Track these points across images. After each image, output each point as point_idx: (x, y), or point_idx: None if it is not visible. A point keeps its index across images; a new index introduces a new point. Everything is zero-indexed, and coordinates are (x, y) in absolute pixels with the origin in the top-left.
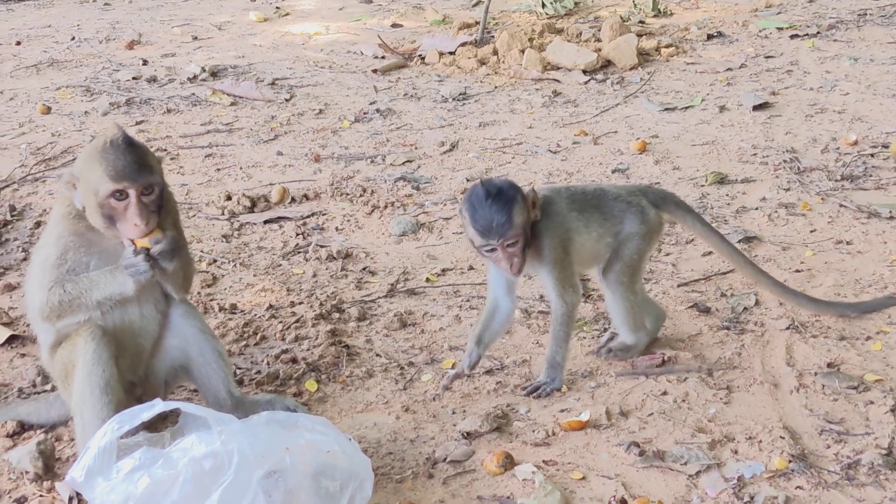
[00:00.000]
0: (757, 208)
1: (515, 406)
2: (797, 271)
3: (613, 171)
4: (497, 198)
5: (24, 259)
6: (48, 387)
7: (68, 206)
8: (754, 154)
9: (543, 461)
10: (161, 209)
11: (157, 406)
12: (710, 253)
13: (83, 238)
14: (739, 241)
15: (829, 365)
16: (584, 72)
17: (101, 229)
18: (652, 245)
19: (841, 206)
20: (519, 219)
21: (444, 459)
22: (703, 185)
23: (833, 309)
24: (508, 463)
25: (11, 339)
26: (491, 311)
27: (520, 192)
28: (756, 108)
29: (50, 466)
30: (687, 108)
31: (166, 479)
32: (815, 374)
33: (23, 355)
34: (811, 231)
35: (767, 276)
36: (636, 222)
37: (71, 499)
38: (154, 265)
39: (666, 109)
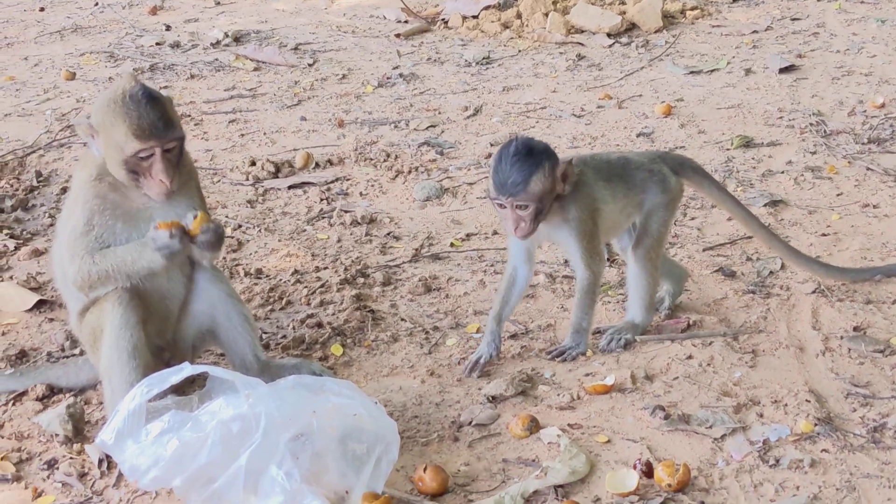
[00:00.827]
0: (783, 172)
1: (540, 370)
2: (823, 235)
3: (638, 135)
4: (524, 157)
5: (51, 225)
6: (77, 351)
7: (90, 169)
8: (780, 117)
9: (568, 425)
10: (179, 162)
11: (184, 370)
12: None
13: (107, 200)
14: (765, 205)
15: (855, 328)
16: (609, 35)
17: (123, 181)
18: (675, 213)
19: (868, 169)
20: (537, 185)
21: (470, 423)
22: (728, 149)
23: (845, 275)
24: (534, 426)
25: (40, 304)
26: (509, 282)
27: (549, 160)
28: (782, 70)
29: (79, 429)
30: (712, 71)
31: (195, 441)
32: (842, 337)
33: (51, 320)
34: (837, 194)
35: (781, 240)
36: (659, 192)
37: (101, 461)
38: (187, 246)
39: (691, 73)
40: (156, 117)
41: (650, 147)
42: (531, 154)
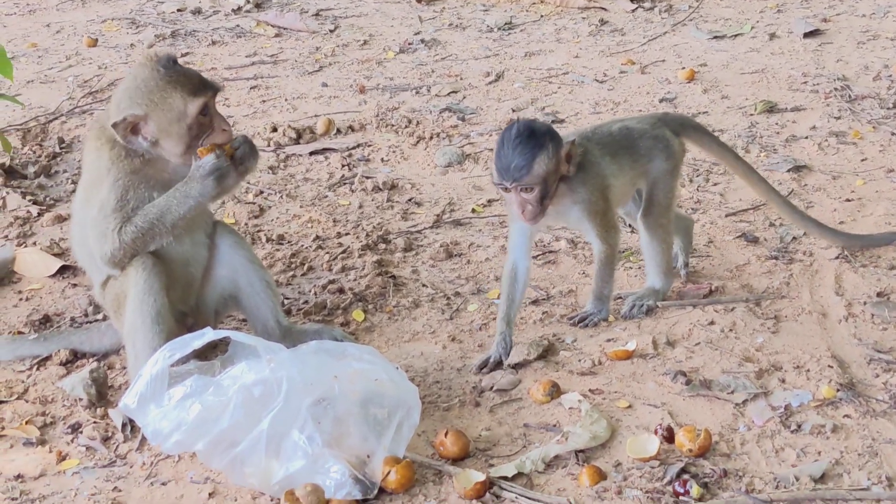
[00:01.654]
0: (807, 137)
1: (562, 336)
2: (847, 200)
3: (661, 101)
4: (525, 140)
5: (74, 191)
6: (100, 316)
7: (115, 148)
8: (804, 82)
9: (590, 390)
10: None
11: (207, 334)
12: None
13: (140, 174)
14: (789, 171)
15: (878, 294)
16: (632, 0)
17: (175, 157)
18: (679, 175)
19: (892, 134)
20: (541, 168)
21: (491, 388)
22: (752, 114)
23: (839, 238)
24: (555, 392)
25: (63, 270)
26: (511, 278)
27: (553, 142)
28: (807, 35)
29: (103, 393)
30: (736, 35)
31: (217, 405)
32: (864, 303)
33: (74, 285)
34: (862, 160)
35: (779, 195)
36: (664, 158)
37: (124, 425)
38: (233, 166)
39: (715, 37)
40: (197, 74)
41: (674, 111)
42: (533, 136)
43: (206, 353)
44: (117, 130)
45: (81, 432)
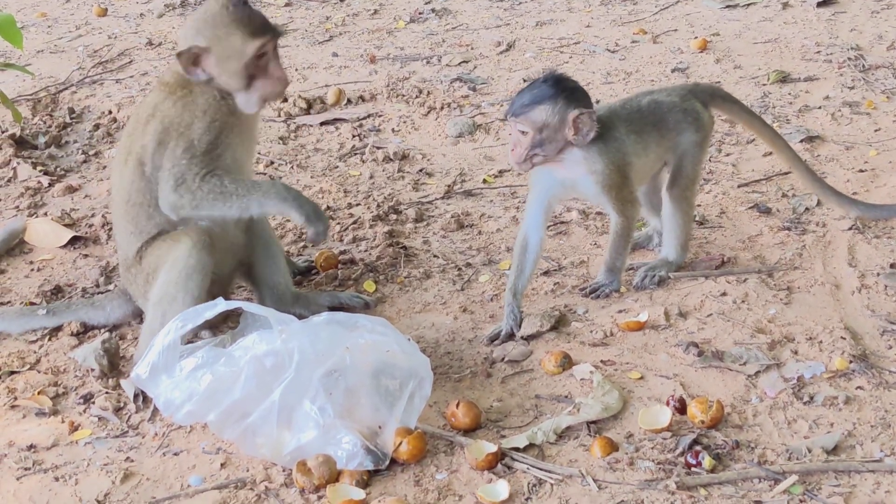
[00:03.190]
0: (820, 107)
1: (573, 307)
2: (860, 171)
3: (673, 71)
4: (545, 85)
5: (85, 161)
6: (111, 287)
7: (211, 90)
8: (818, 52)
9: (601, 361)
10: None
11: (219, 305)
12: (771, 153)
13: (233, 117)
14: (802, 141)
15: (892, 265)
16: None
17: (238, 91)
18: (707, 147)
19: None
20: (541, 115)
21: (503, 359)
22: (765, 84)
23: (859, 208)
24: (567, 363)
25: (74, 240)
26: (521, 249)
27: (567, 100)
28: (820, 4)
29: (115, 364)
30: (749, 5)
31: (228, 376)
32: (878, 274)
33: (85, 256)
34: (875, 130)
35: (803, 163)
36: (693, 131)
37: (136, 396)
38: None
39: (727, 6)
40: (261, 17)
41: (685, 83)
42: (554, 86)
43: (218, 325)
44: (180, 60)
45: (94, 403)
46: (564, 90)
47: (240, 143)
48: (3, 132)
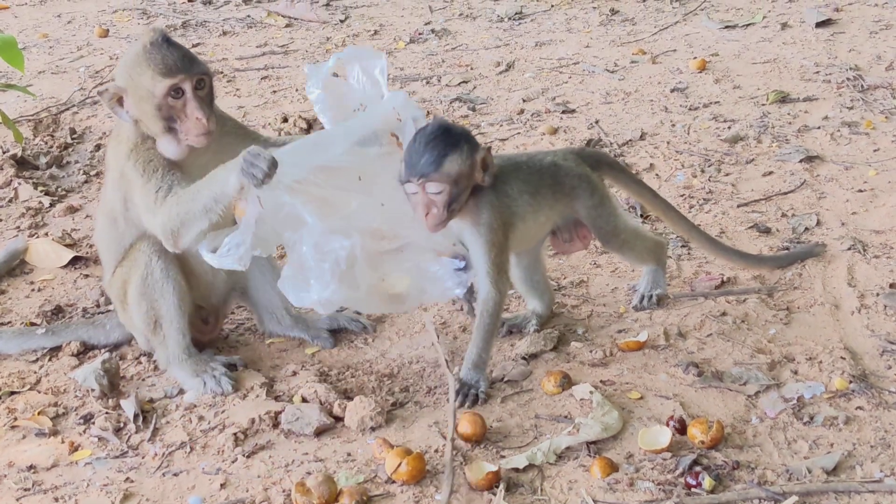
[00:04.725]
0: (819, 127)
1: (573, 326)
2: (860, 191)
3: (672, 91)
4: (440, 137)
5: (86, 182)
6: (111, 306)
7: (132, 138)
8: (817, 72)
9: (601, 381)
10: (212, 103)
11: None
12: (770, 173)
13: (160, 160)
14: (801, 161)
15: (891, 285)
16: None
17: (158, 136)
18: (610, 199)
19: None
20: (453, 166)
21: (502, 379)
22: (764, 104)
23: (763, 263)
24: (566, 383)
25: (75, 260)
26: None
27: (468, 144)
28: (819, 24)
29: (115, 384)
30: (748, 25)
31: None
32: (877, 294)
33: (86, 276)
34: (874, 150)
35: (700, 231)
36: (588, 196)
37: (136, 416)
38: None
39: (726, 27)
40: (179, 55)
41: (684, 103)
42: (449, 134)
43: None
44: (102, 99)
45: (94, 423)
46: (460, 134)
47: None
48: (4, 152)
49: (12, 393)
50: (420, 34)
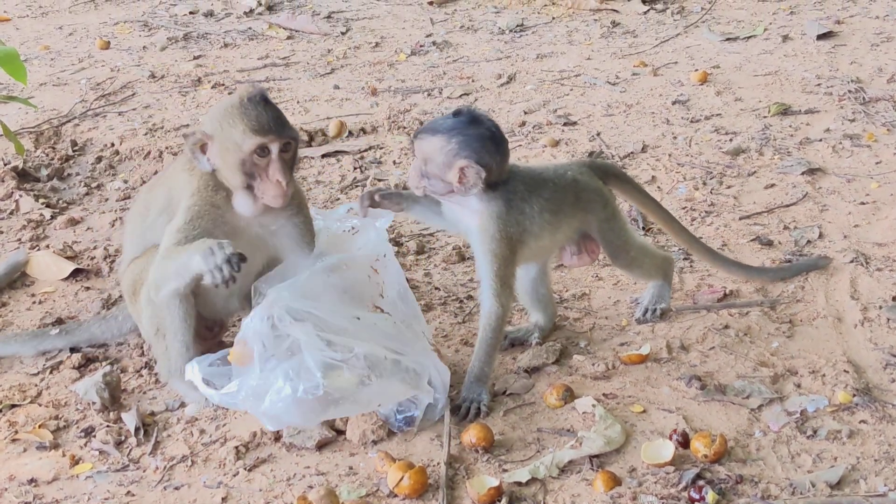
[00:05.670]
0: (821, 139)
1: (575, 339)
2: (862, 203)
3: (674, 103)
4: (451, 118)
5: (87, 194)
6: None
7: (204, 178)
8: (818, 84)
9: (603, 394)
10: (293, 167)
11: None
12: (772, 185)
13: (218, 211)
14: (803, 174)
15: (894, 298)
16: (644, 1)
17: (235, 188)
18: (619, 214)
19: None
20: (428, 146)
21: (504, 392)
22: (765, 117)
23: (765, 275)
24: (568, 396)
25: (76, 273)
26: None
27: (460, 145)
28: (820, 37)
29: (116, 397)
30: (749, 37)
31: None
32: (880, 307)
33: (87, 288)
34: (876, 163)
35: (702, 244)
36: (601, 208)
37: (137, 429)
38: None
39: (727, 39)
40: (273, 116)
41: (686, 115)
42: (460, 124)
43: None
44: (186, 142)
45: (94, 436)
46: (465, 134)
47: (232, 239)
48: (5, 164)
49: (13, 406)
50: (421, 46)
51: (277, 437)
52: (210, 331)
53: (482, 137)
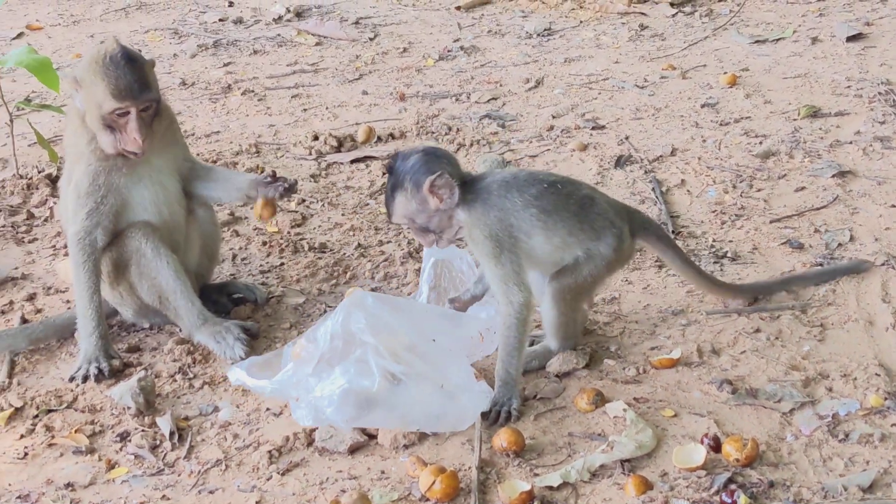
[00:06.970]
0: (851, 142)
1: (605, 343)
2: (892, 206)
3: (703, 106)
4: (389, 178)
5: None
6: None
7: (86, 132)
8: (848, 86)
9: (634, 398)
10: (154, 121)
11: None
12: (803, 188)
13: (110, 161)
14: (833, 176)
15: None
16: (672, 4)
17: (97, 133)
18: (612, 274)
19: None
20: (401, 207)
21: (535, 397)
22: (795, 119)
23: (806, 282)
24: (599, 400)
25: None
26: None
27: (411, 179)
28: (850, 39)
29: (150, 402)
30: (778, 39)
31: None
32: None
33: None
34: None
35: (737, 292)
36: (608, 246)
37: (172, 433)
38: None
39: (756, 42)
40: (132, 79)
41: (715, 118)
42: (395, 172)
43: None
44: (65, 81)
45: (130, 441)
46: (406, 170)
47: (137, 180)
48: (39, 172)
49: (49, 411)
50: (449, 51)
51: (310, 441)
52: None
53: (420, 160)
